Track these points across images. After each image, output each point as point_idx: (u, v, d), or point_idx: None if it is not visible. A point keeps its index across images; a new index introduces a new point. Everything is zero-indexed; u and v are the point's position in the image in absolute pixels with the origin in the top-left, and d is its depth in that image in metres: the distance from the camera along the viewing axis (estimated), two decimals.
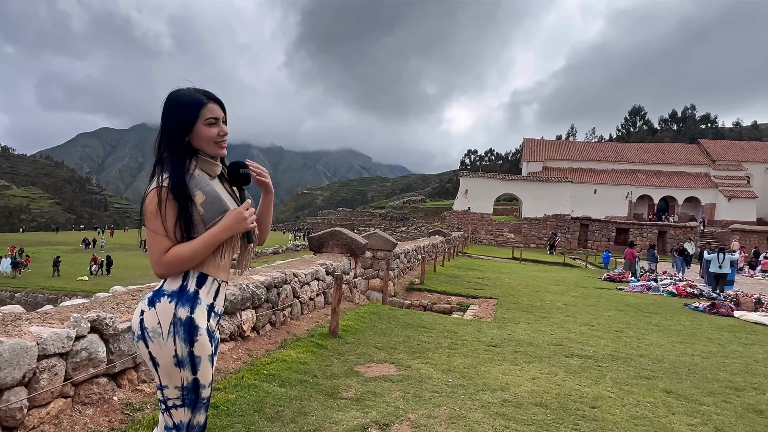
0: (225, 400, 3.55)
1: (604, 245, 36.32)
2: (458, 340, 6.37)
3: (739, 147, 57.64)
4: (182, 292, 1.73)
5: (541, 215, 40.75)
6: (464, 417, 3.75)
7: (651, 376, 5.34)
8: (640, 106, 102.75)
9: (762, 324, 9.55)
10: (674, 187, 50.63)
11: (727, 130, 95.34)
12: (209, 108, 1.79)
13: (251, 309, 5.20)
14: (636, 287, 15.22)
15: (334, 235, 8.82)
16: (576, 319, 8.98)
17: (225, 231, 1.73)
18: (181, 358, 1.70)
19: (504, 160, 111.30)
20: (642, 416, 4.06)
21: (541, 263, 25.82)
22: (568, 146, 61.67)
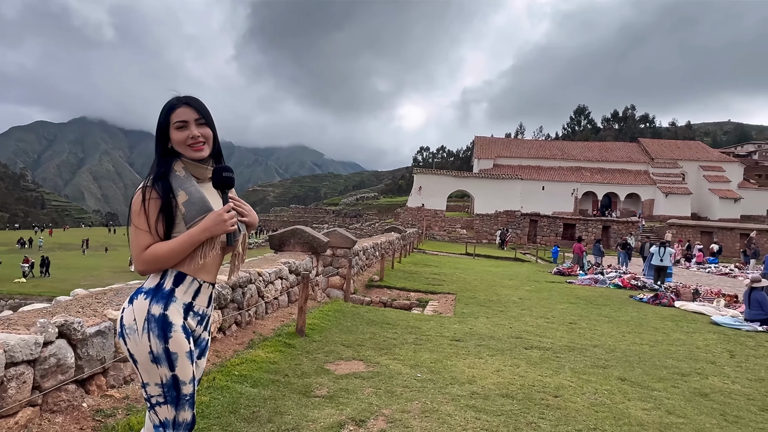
0: (199, 402, 3.51)
1: (553, 240, 37.61)
2: (423, 336, 6.49)
3: (675, 146, 60.91)
4: (158, 289, 1.77)
5: (493, 211, 41.72)
6: (436, 410, 3.86)
7: (606, 365, 5.63)
8: (584, 105, 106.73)
9: (700, 313, 10.20)
10: (617, 184, 52.96)
11: (664, 129, 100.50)
12: (177, 112, 1.85)
13: (217, 310, 5.13)
14: (584, 280, 15.88)
15: (296, 233, 8.78)
16: (532, 312, 9.30)
17: (203, 232, 1.77)
18: (156, 354, 1.73)
19: (455, 157, 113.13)
20: (601, 403, 4.29)
21: (493, 258, 26.47)
22: (518, 144, 63.38)
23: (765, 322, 8.82)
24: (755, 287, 9.26)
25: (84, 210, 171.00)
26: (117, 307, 3.76)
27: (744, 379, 5.38)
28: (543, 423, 3.75)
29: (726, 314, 9.75)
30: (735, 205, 50.89)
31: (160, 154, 1.87)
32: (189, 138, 1.84)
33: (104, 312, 3.62)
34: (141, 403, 3.48)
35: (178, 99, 1.88)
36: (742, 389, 5.01)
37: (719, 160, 57.61)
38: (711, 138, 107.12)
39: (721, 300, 11.65)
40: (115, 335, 3.58)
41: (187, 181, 1.84)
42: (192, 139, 1.84)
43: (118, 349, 3.59)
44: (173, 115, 1.85)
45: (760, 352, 6.84)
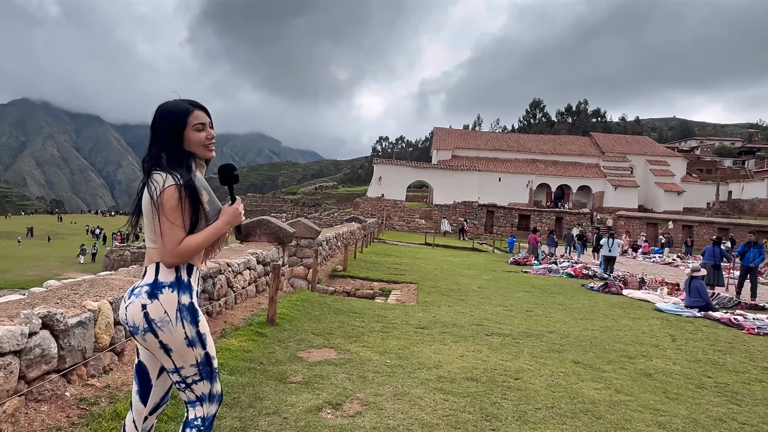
0: None
1: (508, 231, 38.67)
2: (389, 324, 6.73)
3: (624, 140, 63.41)
4: (180, 281, 1.92)
5: (451, 202, 42.45)
6: (407, 393, 4.10)
7: (561, 349, 6.02)
8: (539, 99, 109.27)
9: (646, 300, 10.87)
10: (569, 177, 54.77)
11: (615, 124, 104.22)
12: (195, 115, 1.97)
13: None
14: (539, 270, 16.53)
15: (262, 223, 8.83)
16: (491, 300, 9.70)
17: (226, 225, 1.97)
18: (191, 338, 1.91)
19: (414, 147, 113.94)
20: (557, 384, 4.63)
21: (452, 248, 27.04)
22: (475, 136, 64.45)
23: (703, 309, 9.52)
24: (695, 276, 9.96)
25: (26, 197, 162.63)
26: (95, 298, 3.80)
27: (684, 361, 5.87)
28: (506, 403, 4.04)
29: (669, 301, 10.44)
30: (678, 198, 53.58)
31: (177, 154, 1.95)
32: (206, 138, 1.99)
33: (83, 303, 3.65)
34: (123, 391, 3.56)
35: (190, 103, 2.00)
36: (682, 369, 5.48)
37: (665, 155, 60.39)
38: (657, 133, 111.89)
39: (664, 288, 12.43)
40: (87, 328, 3.63)
41: (203, 182, 1.99)
42: (209, 140, 2.00)
43: (98, 339, 3.65)
44: (192, 117, 1.96)
45: (698, 336, 7.43)
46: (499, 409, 3.90)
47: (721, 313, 9.31)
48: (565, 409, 4.01)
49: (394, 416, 3.60)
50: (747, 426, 3.94)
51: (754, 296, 12.41)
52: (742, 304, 11.11)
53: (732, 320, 8.66)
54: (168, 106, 1.98)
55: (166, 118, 1.96)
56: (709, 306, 9.68)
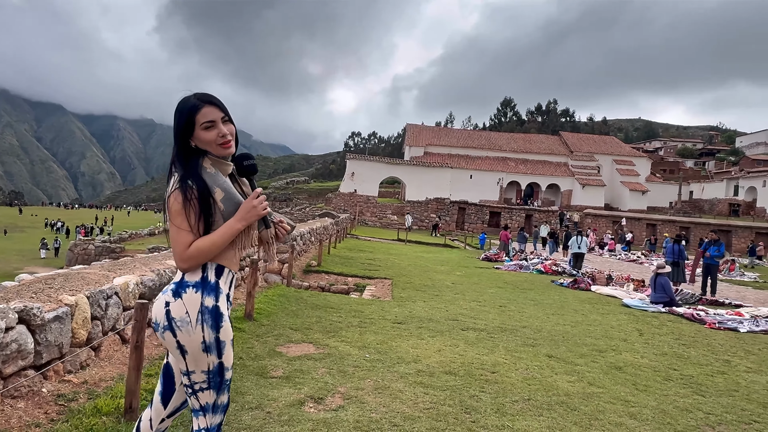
0: None
1: (479, 227, 39.15)
2: (366, 319, 6.76)
3: (592, 140, 64.87)
4: (205, 282, 1.84)
5: (423, 198, 42.70)
6: (388, 387, 4.14)
7: (534, 343, 6.17)
8: (510, 98, 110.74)
9: (613, 296, 11.20)
10: (539, 175, 55.74)
11: (583, 124, 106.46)
12: (203, 113, 1.87)
13: None
14: (510, 266, 16.81)
15: None
16: (464, 296, 9.84)
17: (239, 221, 1.84)
18: (208, 343, 1.81)
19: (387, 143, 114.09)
20: (533, 377, 4.76)
21: (424, 244, 27.24)
22: (447, 133, 64.95)
23: (667, 304, 9.87)
24: (660, 273, 10.31)
25: None
26: (71, 292, 3.73)
27: (651, 354, 6.09)
28: (484, 396, 4.13)
29: (635, 297, 10.78)
30: (643, 197, 55.15)
31: (182, 153, 1.90)
32: (218, 137, 1.87)
33: (59, 297, 3.58)
34: (101, 387, 3.51)
35: (199, 98, 1.89)
36: (650, 363, 5.69)
37: (630, 155, 62.04)
38: (624, 134, 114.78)
39: (630, 284, 12.81)
40: (64, 323, 3.57)
41: (218, 178, 1.88)
42: (222, 138, 1.88)
43: (75, 334, 3.58)
44: (199, 115, 1.86)
45: (663, 330, 7.71)
46: (477, 401, 3.99)
47: (684, 309, 9.66)
48: (541, 401, 4.12)
49: (376, 410, 3.64)
50: (712, 416, 4.12)
51: (714, 292, 12.90)
52: (703, 299, 11.55)
53: (694, 315, 9.00)
54: (178, 105, 1.91)
55: (176, 118, 1.89)
56: (673, 302, 10.04)
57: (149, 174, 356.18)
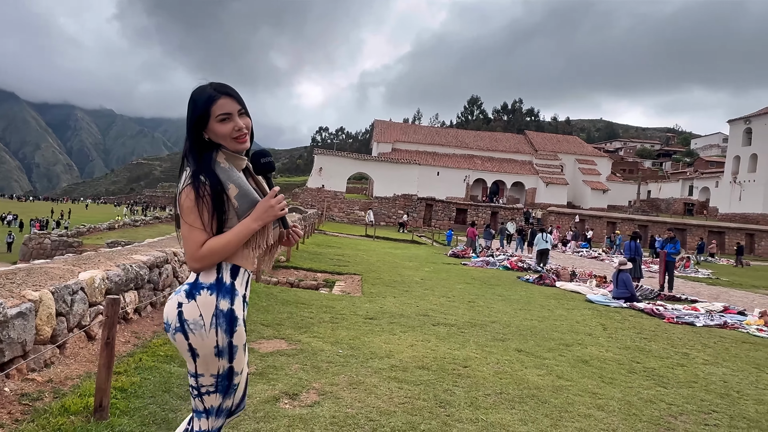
0: (130, 383, 3.49)
1: (446, 224, 39.52)
2: (337, 315, 6.75)
3: (555, 140, 66.27)
4: (220, 284, 1.75)
5: (391, 195, 42.80)
6: (362, 382, 4.15)
7: (504, 338, 6.28)
8: (477, 96, 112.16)
9: (577, 292, 11.50)
10: (504, 173, 56.62)
11: (547, 123, 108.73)
12: (219, 104, 1.78)
13: (134, 290, 4.99)
14: (477, 262, 17.05)
15: None
16: (434, 292, 9.92)
17: (255, 221, 1.75)
18: (221, 348, 1.73)
19: (354, 139, 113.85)
20: (504, 371, 4.84)
21: (392, 241, 27.32)
22: (415, 130, 65.24)
23: (628, 300, 10.20)
24: (622, 269, 10.64)
25: None
26: (34, 287, 3.58)
27: (615, 348, 6.28)
28: (457, 390, 4.19)
29: (598, 293, 11.10)
30: (603, 196, 56.70)
31: (197, 147, 1.80)
32: (234, 130, 1.78)
33: (22, 293, 3.44)
34: (67, 386, 3.39)
35: (215, 89, 1.80)
36: (614, 356, 5.87)
37: (592, 155, 63.67)
38: (586, 134, 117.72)
39: (593, 280, 13.18)
40: (28, 319, 3.44)
41: (233, 173, 1.79)
42: (237, 131, 1.79)
43: (39, 331, 3.44)
44: (215, 107, 1.77)
45: (626, 325, 7.96)
46: (451, 396, 4.04)
47: (644, 304, 10.01)
48: (512, 394, 4.20)
49: (351, 405, 3.64)
50: (674, 406, 4.29)
51: (671, 288, 13.40)
52: (661, 295, 11.98)
53: (654, 310, 9.33)
54: (193, 94, 1.81)
55: (189, 108, 1.80)
56: (633, 297, 10.37)
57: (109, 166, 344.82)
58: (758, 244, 42.78)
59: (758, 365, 6.06)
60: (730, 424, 3.98)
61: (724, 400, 4.56)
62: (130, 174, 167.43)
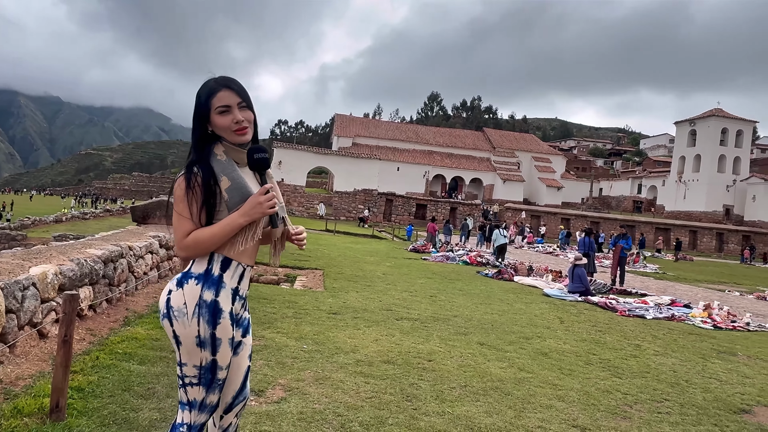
0: (88, 382, 3.36)
1: (406, 219, 39.75)
2: (300, 310, 6.68)
3: (513, 137, 67.66)
4: (207, 275, 1.77)
5: (351, 189, 42.71)
6: (329, 378, 4.13)
7: (466, 332, 6.37)
8: (437, 93, 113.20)
9: (534, 286, 11.80)
10: (463, 169, 57.45)
11: (504, 121, 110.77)
12: (219, 96, 1.81)
13: (88, 286, 4.79)
14: (437, 257, 17.23)
15: (162, 205, 8.32)
16: (396, 286, 9.97)
17: (242, 216, 1.76)
18: (203, 339, 1.74)
19: (314, 133, 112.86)
20: (467, 364, 4.92)
21: (352, 235, 27.27)
22: (376, 125, 65.28)
23: (583, 294, 10.54)
24: (577, 265, 10.98)
25: None
26: None
27: (572, 340, 6.48)
28: (423, 383, 4.22)
29: (554, 287, 11.41)
30: (558, 193, 58.36)
31: (198, 138, 1.85)
32: (233, 123, 1.81)
33: None
34: (19, 386, 3.23)
35: (217, 82, 1.84)
36: (572, 348, 6.05)
37: (548, 153, 65.37)
38: (542, 132, 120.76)
39: (549, 275, 13.55)
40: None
41: (228, 166, 1.82)
42: (237, 124, 1.81)
43: None
44: (214, 99, 1.81)
45: (581, 318, 8.23)
46: (417, 389, 4.07)
47: (598, 298, 10.37)
48: (477, 387, 4.27)
49: (318, 400, 3.62)
50: (629, 396, 4.46)
51: (622, 282, 13.93)
52: (614, 289, 12.45)
53: (607, 304, 9.68)
54: (199, 88, 1.86)
55: (196, 100, 1.84)
56: (588, 291, 10.73)
57: (55, 156, 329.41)
58: (700, 240, 45.07)
59: (704, 355, 6.38)
60: (680, 412, 4.18)
61: (674, 389, 4.78)
62: (78, 164, 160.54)
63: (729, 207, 53.14)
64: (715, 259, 39.24)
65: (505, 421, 3.60)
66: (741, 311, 10.38)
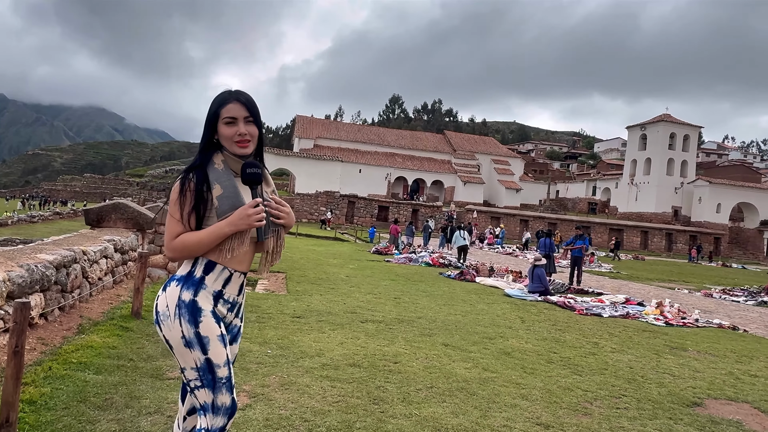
0: (40, 394, 3.20)
1: (368, 221, 39.76)
2: (264, 314, 6.58)
3: (473, 140, 68.72)
4: (189, 277, 1.83)
5: (313, 191, 42.42)
6: (294, 382, 4.07)
7: (431, 333, 6.41)
8: (398, 95, 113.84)
9: (496, 287, 11.99)
10: (425, 171, 57.93)
11: (465, 124, 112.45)
12: (228, 108, 1.88)
13: (40, 293, 4.57)
14: (400, 259, 17.30)
15: (118, 208, 8.03)
16: (360, 289, 9.95)
17: (228, 225, 1.80)
18: (188, 338, 1.77)
19: (275, 134, 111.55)
20: (433, 366, 4.95)
21: (314, 238, 27.07)
22: (338, 127, 65.06)
23: (543, 293, 10.78)
24: (537, 265, 11.22)
25: None
26: None
27: (534, 340, 6.62)
28: (389, 386, 4.22)
29: (515, 287, 11.63)
30: (517, 195, 59.59)
31: (204, 145, 1.92)
32: (236, 135, 1.87)
33: None
34: None
35: (230, 93, 1.91)
36: (533, 347, 6.18)
37: (506, 156, 66.68)
38: (501, 135, 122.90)
39: (509, 275, 13.80)
40: None
41: (224, 175, 1.87)
42: (239, 136, 1.87)
43: None
44: (224, 110, 1.88)
45: (542, 317, 8.41)
46: (384, 392, 4.06)
47: (557, 297, 10.63)
48: (442, 388, 4.30)
49: (285, 406, 3.57)
50: (589, 393, 4.58)
51: (579, 282, 14.33)
52: (571, 288, 12.79)
53: (566, 303, 9.94)
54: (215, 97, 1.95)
55: (208, 108, 1.92)
56: (547, 291, 10.99)
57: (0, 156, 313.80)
58: (651, 240, 46.89)
59: (657, 351, 6.63)
60: (637, 407, 4.32)
61: (631, 385, 4.95)
62: (25, 165, 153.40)
63: (677, 208, 55.50)
64: (665, 258, 40.91)
65: (471, 421, 3.63)
66: (690, 308, 10.83)
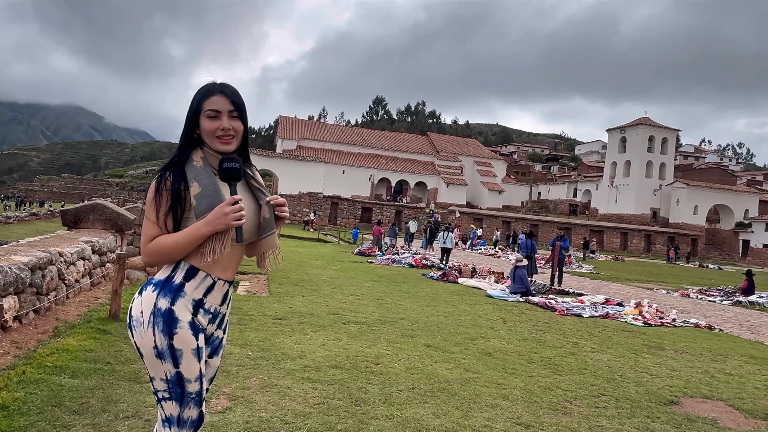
0: (13, 399, 3.13)
1: (352, 222, 39.72)
2: (245, 316, 6.52)
3: (456, 142, 69.07)
4: (167, 282, 1.71)
5: (296, 192, 42.22)
6: (275, 385, 4.04)
7: (413, 334, 6.42)
8: (382, 97, 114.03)
9: (478, 288, 12.05)
10: (408, 173, 58.05)
11: (448, 126, 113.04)
12: (211, 100, 1.76)
13: (14, 295, 4.47)
14: (383, 260, 17.30)
15: (96, 208, 7.90)
16: (342, 290, 9.92)
17: (205, 226, 1.67)
18: (160, 349, 1.67)
19: (258, 135, 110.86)
20: (415, 367, 4.95)
21: (297, 239, 26.93)
22: (321, 128, 64.89)
23: (524, 294, 10.87)
24: (519, 266, 11.32)
25: None
26: None
27: (515, 340, 6.67)
28: (371, 387, 4.21)
29: (497, 288, 11.71)
30: (499, 196, 60.03)
31: (183, 141, 1.80)
32: (219, 129, 1.75)
33: None
34: None
35: (214, 85, 1.79)
36: (515, 348, 6.22)
37: (489, 157, 67.15)
38: (483, 137, 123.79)
39: (492, 276, 13.89)
40: None
41: (202, 172, 1.74)
42: (222, 131, 1.75)
43: None
44: (206, 102, 1.75)
45: (523, 318, 8.48)
46: (366, 393, 4.06)
47: (538, 298, 10.73)
48: (424, 389, 4.31)
49: (265, 408, 3.54)
50: (569, 392, 4.63)
51: (560, 283, 14.48)
52: (552, 289, 12.92)
53: (547, 303, 10.03)
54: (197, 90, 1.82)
55: (190, 102, 1.80)
56: (529, 291, 11.08)
57: None
58: (631, 241, 47.62)
59: (636, 351, 6.73)
60: (616, 406, 4.38)
61: (610, 384, 5.01)
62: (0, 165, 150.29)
63: (656, 210, 56.44)
64: (644, 259, 41.58)
65: (453, 421, 3.64)
66: (668, 308, 11.02)
